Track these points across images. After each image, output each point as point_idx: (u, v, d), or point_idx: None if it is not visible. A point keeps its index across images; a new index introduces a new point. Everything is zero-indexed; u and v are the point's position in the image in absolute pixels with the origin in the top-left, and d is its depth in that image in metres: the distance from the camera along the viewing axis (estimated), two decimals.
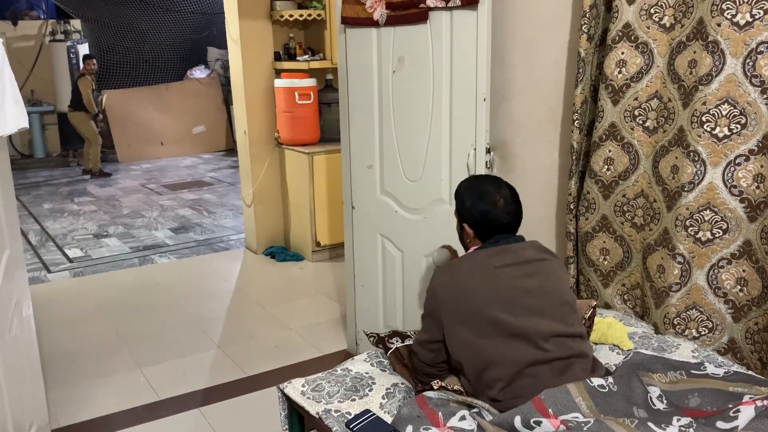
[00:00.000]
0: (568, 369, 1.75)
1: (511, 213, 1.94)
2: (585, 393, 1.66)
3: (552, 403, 1.62)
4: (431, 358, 1.92)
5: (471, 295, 1.82)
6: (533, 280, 1.83)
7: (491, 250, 1.89)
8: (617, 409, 1.64)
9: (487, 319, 1.79)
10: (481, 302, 1.80)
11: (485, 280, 1.83)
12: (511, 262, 1.85)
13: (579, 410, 1.62)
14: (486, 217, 1.92)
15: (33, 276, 4.78)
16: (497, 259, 1.86)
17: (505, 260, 1.86)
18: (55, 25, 9.82)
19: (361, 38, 2.94)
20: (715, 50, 1.95)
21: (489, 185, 1.97)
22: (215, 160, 9.79)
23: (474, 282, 1.84)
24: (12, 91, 2.20)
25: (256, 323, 3.93)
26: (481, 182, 2.02)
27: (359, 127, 3.06)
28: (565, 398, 1.64)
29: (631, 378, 1.74)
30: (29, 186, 8.17)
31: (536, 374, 1.74)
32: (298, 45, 4.99)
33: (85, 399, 3.04)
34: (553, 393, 1.65)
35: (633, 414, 1.65)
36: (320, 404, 1.92)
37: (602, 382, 1.69)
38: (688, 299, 2.15)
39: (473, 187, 2.00)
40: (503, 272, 1.84)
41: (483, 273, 1.85)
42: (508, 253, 1.88)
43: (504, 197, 1.93)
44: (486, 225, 1.93)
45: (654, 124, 2.21)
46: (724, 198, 2.04)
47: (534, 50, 2.59)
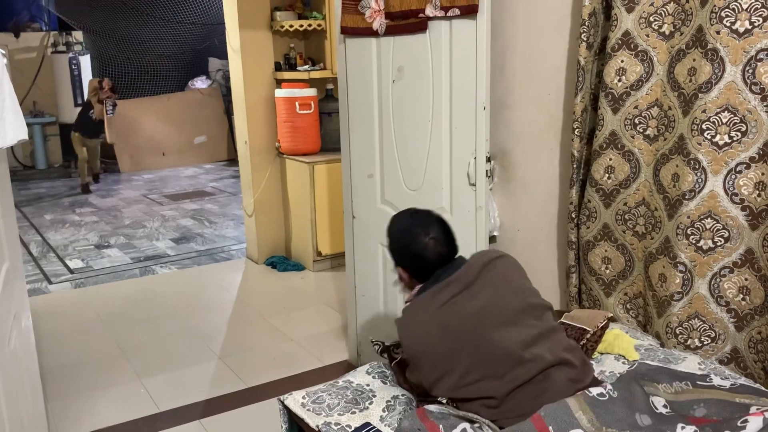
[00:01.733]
0: (547, 380, 1.73)
1: (443, 253, 1.90)
2: (585, 405, 1.64)
3: (552, 421, 1.60)
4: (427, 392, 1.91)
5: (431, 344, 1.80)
6: (483, 297, 1.80)
7: (433, 289, 1.85)
8: (620, 418, 1.62)
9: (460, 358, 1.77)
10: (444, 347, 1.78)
11: (440, 324, 1.80)
12: (459, 290, 1.82)
13: (580, 425, 1.60)
14: (417, 260, 1.90)
15: (34, 287, 4.78)
16: (442, 296, 1.82)
17: (450, 293, 1.82)
18: (57, 36, 9.86)
19: (360, 48, 2.94)
20: (714, 58, 1.94)
21: (416, 227, 1.93)
22: (216, 170, 9.80)
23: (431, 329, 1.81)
24: (12, 103, 2.20)
25: (256, 334, 3.91)
26: (408, 222, 1.98)
27: (359, 136, 3.06)
28: (565, 414, 1.62)
29: (630, 383, 1.73)
30: (31, 197, 8.17)
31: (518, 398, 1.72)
32: (298, 55, 5.01)
33: (85, 411, 3.03)
34: (552, 409, 1.62)
35: (636, 422, 1.63)
36: (320, 417, 1.90)
37: (602, 390, 1.67)
38: (690, 308, 2.13)
39: (401, 229, 1.98)
40: (453, 305, 1.80)
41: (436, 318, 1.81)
42: (450, 285, 1.84)
43: (434, 238, 1.90)
44: (420, 267, 1.91)
45: (654, 132, 2.20)
46: (725, 206, 2.02)
47: (533, 59, 2.59)
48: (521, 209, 2.78)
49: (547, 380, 1.73)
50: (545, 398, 1.69)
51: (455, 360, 1.78)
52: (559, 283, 2.71)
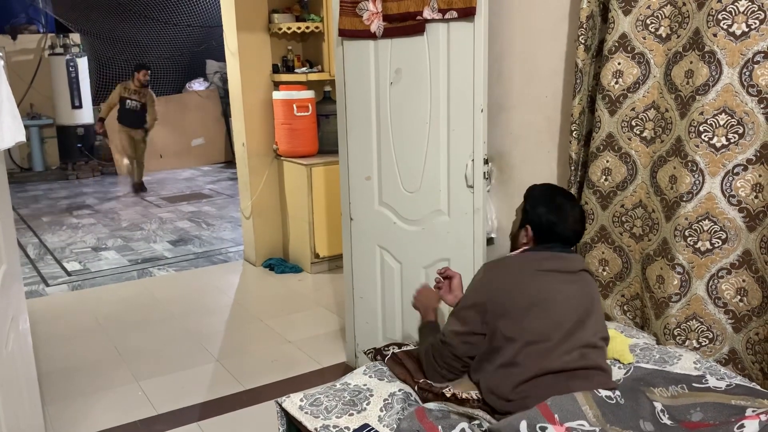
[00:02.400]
0: (585, 377, 1.76)
1: (576, 231, 1.98)
2: (592, 402, 1.64)
3: (558, 410, 1.61)
4: (464, 351, 1.92)
5: (515, 294, 1.85)
6: (574, 288, 1.87)
7: (543, 254, 1.93)
8: (624, 421, 1.62)
9: (525, 321, 1.80)
10: (522, 303, 1.83)
11: (529, 281, 1.86)
12: (557, 269, 1.89)
13: (586, 418, 1.61)
14: (552, 228, 1.95)
15: (31, 289, 4.77)
16: (545, 263, 1.89)
17: (552, 266, 1.89)
18: (55, 38, 9.85)
19: (358, 50, 2.94)
20: (711, 60, 1.95)
21: (565, 199, 2.01)
22: (214, 173, 9.80)
23: (520, 281, 1.87)
24: (9, 105, 2.20)
25: (254, 336, 3.91)
26: (558, 193, 2.04)
27: (357, 138, 3.06)
28: (571, 405, 1.63)
29: (636, 392, 1.73)
30: (28, 199, 8.16)
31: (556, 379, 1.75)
32: (296, 57, 5.01)
33: (82, 414, 3.02)
34: (560, 400, 1.63)
35: (639, 427, 1.63)
36: (318, 419, 1.90)
37: (610, 393, 1.68)
38: (688, 310, 2.14)
39: (550, 195, 2.03)
40: (548, 276, 1.87)
41: (529, 274, 1.88)
42: (557, 260, 1.91)
43: (575, 216, 1.97)
44: (549, 235, 1.95)
45: (651, 134, 2.21)
46: (722, 208, 2.03)
47: (531, 61, 2.59)
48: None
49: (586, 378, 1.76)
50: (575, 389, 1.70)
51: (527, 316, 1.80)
52: None
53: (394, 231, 2.97)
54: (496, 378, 1.81)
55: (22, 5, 10.07)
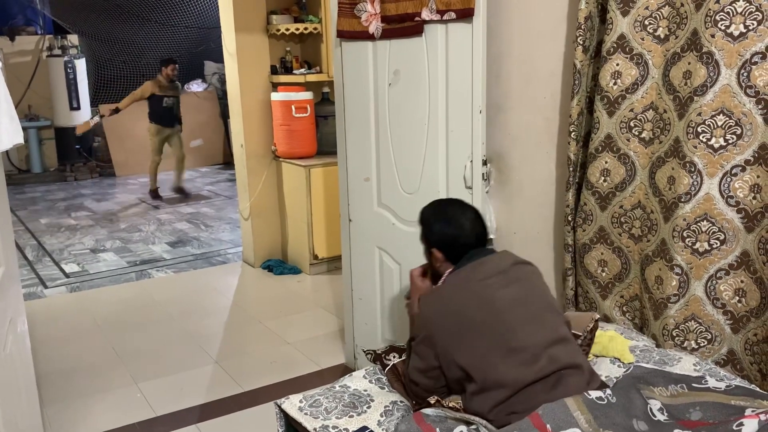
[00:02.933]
0: (560, 382, 1.74)
1: (479, 234, 2.00)
2: (584, 406, 1.64)
3: (550, 419, 1.60)
4: (431, 385, 1.91)
5: (462, 313, 1.82)
6: (516, 288, 1.86)
7: (469, 266, 1.92)
8: (617, 423, 1.62)
9: (481, 336, 1.78)
10: (473, 318, 1.80)
11: (473, 294, 1.84)
12: (492, 273, 1.88)
13: (578, 425, 1.61)
14: (455, 240, 1.98)
15: (29, 291, 4.76)
16: (478, 272, 1.89)
17: (485, 272, 1.88)
18: (53, 40, 9.84)
19: (357, 52, 2.94)
20: (709, 61, 1.95)
21: (454, 208, 2.05)
22: (212, 173, 9.79)
23: (463, 299, 1.85)
24: (7, 106, 2.19)
25: (253, 338, 3.90)
26: (445, 205, 2.09)
27: (356, 140, 3.06)
28: (563, 413, 1.62)
29: (629, 390, 1.73)
30: (26, 201, 8.15)
31: (530, 392, 1.72)
32: (294, 58, 5.01)
33: (81, 415, 3.01)
34: (551, 408, 1.63)
35: (633, 427, 1.63)
36: (318, 420, 1.90)
37: (600, 394, 1.68)
38: (686, 310, 2.14)
39: (439, 211, 2.07)
40: (487, 284, 1.85)
41: (469, 288, 1.86)
42: (485, 264, 1.91)
43: (470, 219, 2.00)
44: (456, 248, 1.98)
45: (650, 135, 2.21)
46: (721, 208, 2.03)
47: (529, 62, 2.59)
48: (517, 212, 2.78)
49: (560, 382, 1.74)
50: (555, 398, 1.69)
51: (482, 333, 1.78)
52: (555, 286, 2.71)
53: (393, 232, 2.97)
54: (472, 402, 1.80)
55: (20, 7, 10.05)
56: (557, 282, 2.69)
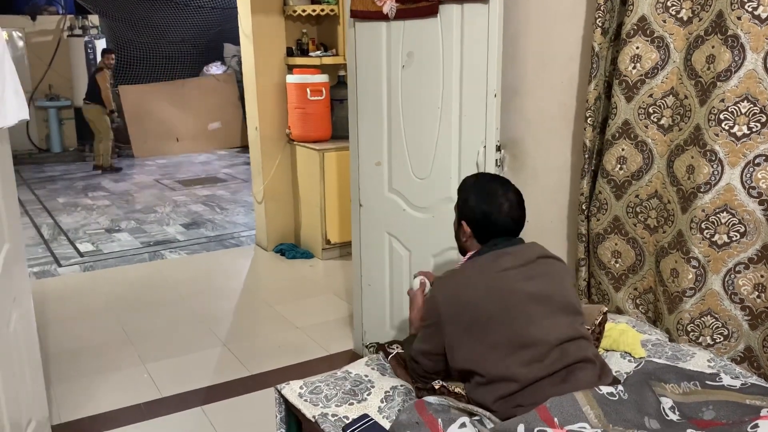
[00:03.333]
0: (569, 376, 1.68)
1: (514, 218, 1.86)
2: (593, 401, 1.58)
3: (558, 412, 1.55)
4: (431, 367, 1.87)
5: (475, 304, 1.75)
6: (537, 283, 1.76)
7: (491, 254, 1.82)
8: (628, 419, 1.56)
9: (492, 330, 1.72)
10: (485, 312, 1.73)
11: (488, 287, 1.76)
12: (513, 265, 1.78)
13: (587, 420, 1.55)
14: (488, 218, 1.84)
15: (43, 270, 4.79)
16: (498, 263, 1.79)
17: (506, 264, 1.78)
18: (74, 20, 9.88)
19: (370, 32, 2.88)
20: (734, 45, 1.86)
21: (496, 185, 1.88)
22: (230, 157, 9.80)
23: (477, 291, 1.76)
24: (12, 82, 2.17)
25: (263, 321, 3.89)
26: (488, 181, 1.93)
27: (368, 123, 3.00)
28: (571, 407, 1.57)
29: (642, 387, 1.67)
30: (45, 180, 8.21)
31: (538, 387, 1.67)
32: (310, 40, 4.95)
33: (87, 395, 3.02)
34: (559, 401, 1.57)
35: (644, 425, 1.57)
36: (317, 407, 1.86)
37: (612, 390, 1.62)
38: (702, 305, 2.06)
39: (479, 185, 1.92)
40: (506, 276, 1.76)
41: (485, 280, 1.77)
42: (508, 255, 1.80)
43: (510, 201, 1.85)
44: (486, 227, 1.85)
45: (669, 122, 2.12)
46: (742, 200, 1.95)
47: (546, 45, 2.51)
48: (531, 200, 2.69)
49: (570, 377, 1.69)
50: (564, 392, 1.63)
51: (493, 325, 1.71)
52: None
53: (403, 218, 2.92)
54: (476, 392, 1.74)
55: None
56: None
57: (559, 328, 1.73)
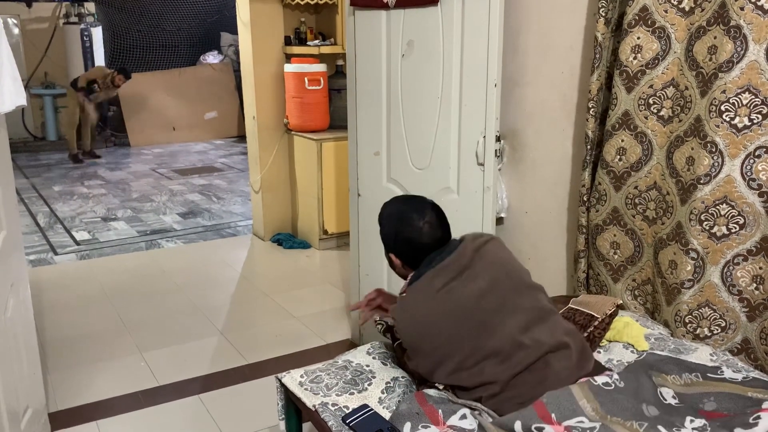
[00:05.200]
0: (547, 367, 1.68)
1: (437, 238, 1.85)
2: (590, 394, 1.59)
3: (555, 408, 1.55)
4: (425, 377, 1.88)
5: (431, 330, 1.75)
6: (481, 281, 1.75)
7: (429, 274, 1.79)
8: (625, 408, 1.57)
9: (456, 348, 1.72)
10: (443, 334, 1.73)
11: (436, 309, 1.75)
12: (453, 275, 1.76)
13: (584, 414, 1.55)
14: (411, 246, 1.85)
15: (39, 258, 4.78)
16: (438, 280, 1.77)
17: (443, 280, 1.76)
18: (69, 7, 9.79)
19: (370, 21, 2.86)
20: (737, 36, 1.86)
21: (410, 211, 1.87)
22: (226, 146, 9.76)
23: (427, 317, 1.76)
24: (9, 68, 2.15)
25: (260, 311, 3.88)
26: (402, 208, 1.92)
27: (366, 112, 2.99)
28: (568, 401, 1.57)
29: (638, 373, 1.67)
30: (40, 168, 8.17)
31: (518, 382, 1.68)
32: (309, 29, 4.92)
33: (85, 383, 3.01)
34: (555, 396, 1.58)
35: (642, 412, 1.58)
36: (317, 397, 1.86)
37: (607, 379, 1.62)
38: (700, 297, 2.07)
39: (394, 214, 1.92)
40: (450, 289, 1.75)
41: (430, 303, 1.76)
42: (443, 271, 1.78)
43: (429, 222, 1.84)
44: (413, 253, 1.86)
45: (669, 113, 2.12)
46: (741, 191, 1.95)
47: (548, 35, 2.50)
48: (530, 191, 2.71)
49: (547, 367, 1.69)
50: (546, 386, 1.64)
51: (455, 345, 1.73)
52: (566, 267, 2.65)
53: None
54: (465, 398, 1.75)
55: None
56: (568, 264, 2.63)
57: (520, 314, 1.72)
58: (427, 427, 1.62)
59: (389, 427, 1.67)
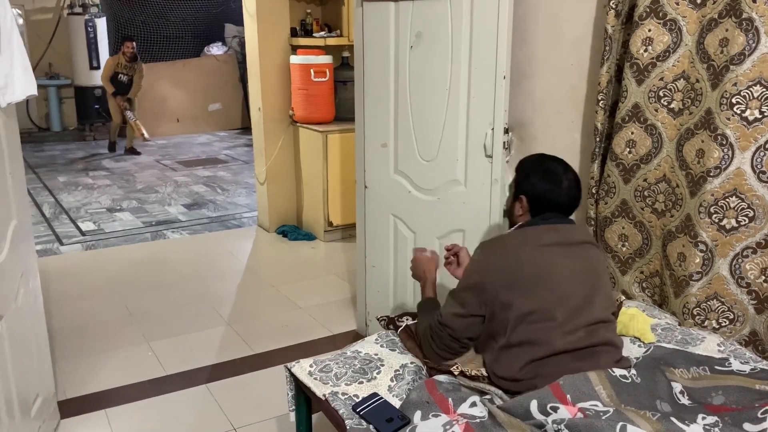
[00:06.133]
0: (591, 356, 1.71)
1: (572, 197, 1.92)
2: (606, 382, 1.60)
3: (571, 390, 1.57)
4: (462, 332, 1.89)
5: (515, 270, 1.80)
6: (579, 263, 1.82)
7: (541, 227, 1.88)
8: (640, 401, 1.58)
9: (528, 299, 1.76)
10: (525, 279, 1.78)
11: (531, 258, 1.81)
12: (559, 242, 1.84)
13: (599, 398, 1.56)
14: (547, 194, 1.91)
15: (45, 248, 4.79)
16: (546, 237, 1.84)
17: (553, 239, 1.84)
18: None
19: (378, 12, 2.86)
20: (749, 28, 1.85)
21: (557, 165, 1.97)
22: (230, 138, 9.76)
23: (520, 259, 1.82)
24: (21, 58, 2.16)
25: (265, 301, 3.90)
26: (549, 160, 2.01)
27: (374, 103, 2.99)
28: (584, 385, 1.58)
29: (654, 371, 1.68)
30: (45, 159, 8.18)
31: (561, 360, 1.70)
32: (315, 21, 4.91)
33: (92, 372, 3.03)
34: (572, 379, 1.59)
35: (656, 407, 1.58)
36: (327, 386, 1.87)
37: (625, 372, 1.63)
38: (709, 289, 2.07)
39: (541, 163, 1.99)
40: (550, 251, 1.81)
41: (530, 250, 1.82)
42: (557, 232, 1.86)
43: (569, 180, 1.92)
44: (545, 202, 1.91)
45: (680, 105, 2.12)
46: (751, 184, 1.95)
47: (557, 27, 2.50)
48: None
49: (593, 357, 1.72)
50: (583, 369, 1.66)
51: (529, 294, 1.76)
52: None
53: (408, 200, 2.92)
54: (500, 359, 1.77)
55: None
56: None
57: (592, 309, 1.77)
58: (438, 416, 1.63)
59: (399, 415, 1.68)
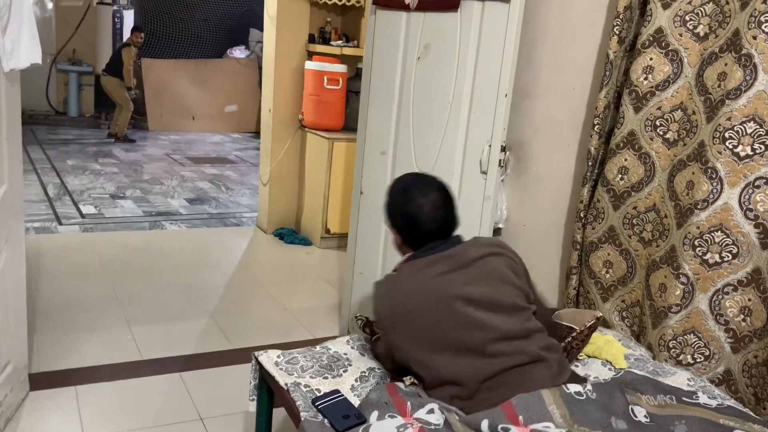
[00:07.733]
0: (523, 376, 1.67)
1: (437, 219, 1.78)
2: (560, 400, 1.58)
3: (523, 410, 1.54)
4: (391, 369, 1.90)
5: (411, 312, 1.73)
6: (477, 287, 1.72)
7: (427, 258, 1.77)
8: (594, 419, 1.56)
9: (433, 336, 1.71)
10: (423, 319, 1.72)
11: (425, 294, 1.73)
12: (450, 269, 1.74)
13: (552, 419, 1.54)
14: (410, 222, 1.80)
15: (44, 226, 4.82)
16: (434, 268, 1.74)
17: (440, 269, 1.74)
18: None
19: (390, 21, 2.88)
20: (747, 64, 1.86)
21: (415, 187, 1.82)
22: (243, 140, 9.82)
23: (414, 298, 1.74)
24: (29, 26, 2.19)
25: (252, 299, 3.89)
26: (409, 182, 1.87)
27: (377, 111, 3.01)
28: (537, 405, 1.56)
29: (612, 388, 1.66)
30: (57, 142, 8.25)
31: (492, 387, 1.66)
32: (333, 30, 4.96)
33: (70, 348, 3.02)
34: (525, 399, 1.57)
35: (611, 425, 1.56)
36: (291, 377, 1.87)
37: (579, 389, 1.61)
38: (687, 323, 2.05)
39: (400, 188, 1.87)
40: (442, 281, 1.73)
41: (418, 287, 1.74)
42: (443, 260, 1.75)
43: (432, 201, 1.78)
44: (413, 231, 1.80)
45: (675, 136, 2.12)
46: (738, 221, 1.94)
47: (562, 50, 2.51)
48: (530, 204, 2.71)
49: (523, 376, 1.68)
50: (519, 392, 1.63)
51: (433, 333, 1.72)
52: (559, 283, 2.63)
53: None
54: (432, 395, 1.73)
55: None
56: (561, 280, 2.62)
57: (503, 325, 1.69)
58: (393, 417, 1.61)
59: (356, 413, 1.66)
